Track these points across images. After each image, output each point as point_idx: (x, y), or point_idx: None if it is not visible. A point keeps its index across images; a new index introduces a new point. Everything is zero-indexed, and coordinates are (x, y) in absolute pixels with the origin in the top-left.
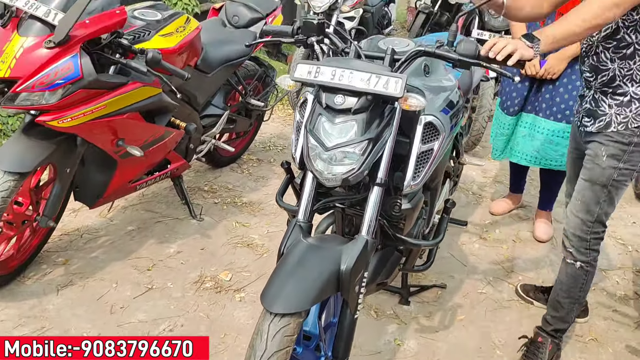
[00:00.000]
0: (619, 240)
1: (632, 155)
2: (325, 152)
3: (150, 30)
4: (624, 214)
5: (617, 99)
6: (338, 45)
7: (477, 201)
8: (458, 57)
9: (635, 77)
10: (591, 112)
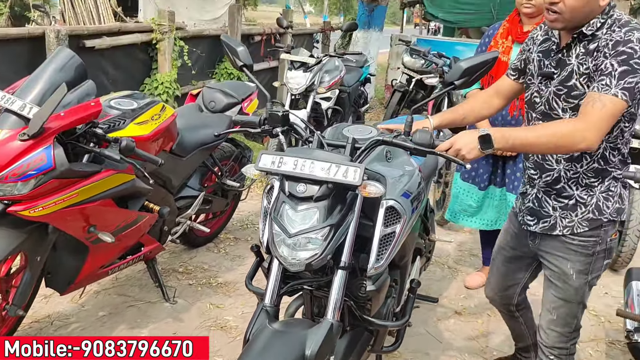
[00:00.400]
0: (591, 311)
1: (596, 263)
2: (289, 238)
3: (126, 119)
4: (597, 284)
5: (562, 202)
6: (302, 134)
7: (452, 275)
8: (413, 146)
9: (581, 180)
10: (534, 212)
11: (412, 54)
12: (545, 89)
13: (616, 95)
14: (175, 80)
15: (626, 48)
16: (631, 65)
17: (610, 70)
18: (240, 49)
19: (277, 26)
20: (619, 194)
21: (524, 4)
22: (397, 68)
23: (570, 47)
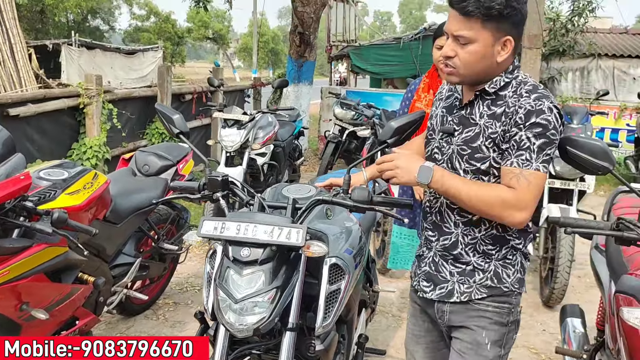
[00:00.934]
0: (532, 349)
1: (509, 335)
2: (235, 303)
3: (57, 190)
4: (534, 321)
5: (459, 267)
6: (243, 198)
7: (397, 324)
8: (353, 203)
9: (478, 247)
10: (431, 277)
11: (343, 106)
12: (447, 145)
13: (538, 169)
14: (105, 144)
15: (540, 120)
16: (548, 137)
17: (528, 144)
18: (175, 117)
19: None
20: (519, 263)
21: (441, 60)
22: (329, 120)
23: (473, 104)
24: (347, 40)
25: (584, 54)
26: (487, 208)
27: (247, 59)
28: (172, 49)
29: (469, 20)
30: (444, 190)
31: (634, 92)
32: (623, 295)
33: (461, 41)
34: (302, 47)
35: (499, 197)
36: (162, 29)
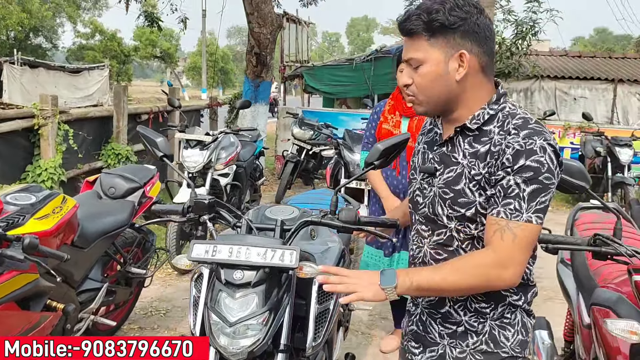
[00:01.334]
0: None
1: None
2: (229, 327)
3: (25, 215)
4: None
5: (449, 328)
6: (230, 220)
7: (367, 341)
8: (341, 224)
9: (469, 305)
10: (419, 338)
11: (302, 126)
12: (429, 187)
13: (529, 221)
14: (60, 165)
15: (531, 162)
16: (541, 183)
17: (517, 191)
18: (159, 140)
19: (163, 104)
20: (519, 322)
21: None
22: (287, 139)
23: (453, 141)
24: (300, 60)
25: (528, 75)
26: (471, 286)
27: (196, 77)
28: (118, 68)
29: (416, 40)
30: (415, 288)
31: (575, 112)
32: (599, 307)
33: (413, 65)
34: (259, 67)
35: (478, 268)
36: (108, 47)
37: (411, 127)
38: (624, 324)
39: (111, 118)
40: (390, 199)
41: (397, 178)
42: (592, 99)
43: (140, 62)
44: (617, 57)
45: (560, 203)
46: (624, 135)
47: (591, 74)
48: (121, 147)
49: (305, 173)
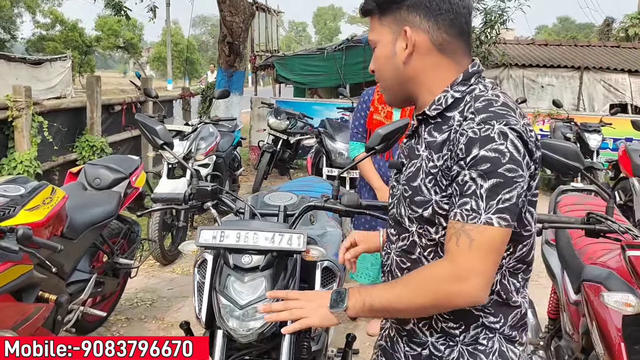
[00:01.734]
0: None
1: None
2: (240, 310)
3: (15, 206)
4: None
5: (414, 350)
6: (232, 207)
7: (354, 325)
8: (345, 208)
9: (435, 324)
10: (387, 355)
11: (277, 116)
12: (397, 185)
13: (489, 222)
14: (36, 158)
15: (487, 152)
16: (501, 176)
17: (473, 188)
18: (159, 128)
19: (135, 94)
20: (496, 352)
21: None
22: (262, 130)
23: (418, 131)
24: (270, 50)
25: (497, 64)
26: (430, 304)
27: (161, 68)
28: (80, 59)
29: (371, 20)
30: (368, 309)
31: (542, 100)
32: (590, 283)
33: (372, 49)
34: (232, 56)
35: (434, 283)
36: (69, 37)
37: (403, 116)
38: (619, 296)
39: (84, 109)
40: (384, 190)
41: (389, 168)
42: (559, 86)
43: (103, 53)
44: (582, 45)
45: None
46: (593, 122)
47: (558, 61)
48: (95, 139)
49: (281, 163)
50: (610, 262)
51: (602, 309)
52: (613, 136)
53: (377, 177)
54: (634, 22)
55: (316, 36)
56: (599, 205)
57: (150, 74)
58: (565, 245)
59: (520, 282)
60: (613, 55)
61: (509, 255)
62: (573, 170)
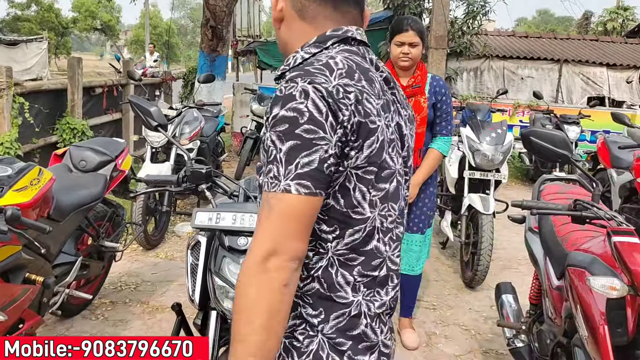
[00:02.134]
0: (462, 326)
1: None
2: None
3: (3, 187)
4: (460, 301)
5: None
6: (226, 190)
7: None
8: None
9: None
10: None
11: (261, 102)
12: None
13: (287, 190)
14: (16, 140)
15: (286, 111)
16: (299, 137)
17: (274, 152)
18: (153, 109)
19: (117, 77)
20: (311, 353)
21: (401, 57)
22: (246, 116)
23: None
24: (252, 35)
25: (478, 55)
26: (254, 299)
27: (139, 51)
28: (57, 40)
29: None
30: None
31: (522, 91)
32: (574, 268)
33: None
34: (215, 41)
35: (245, 272)
36: (45, 18)
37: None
38: (605, 280)
39: (65, 91)
40: None
41: None
42: (538, 78)
43: (80, 35)
44: (562, 38)
45: (510, 179)
46: (572, 114)
47: (538, 54)
48: (76, 122)
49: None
50: (593, 249)
51: (586, 293)
52: (591, 128)
53: None
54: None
55: None
56: (581, 193)
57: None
58: (549, 233)
59: (356, 278)
60: (592, 48)
61: (336, 239)
62: (561, 158)
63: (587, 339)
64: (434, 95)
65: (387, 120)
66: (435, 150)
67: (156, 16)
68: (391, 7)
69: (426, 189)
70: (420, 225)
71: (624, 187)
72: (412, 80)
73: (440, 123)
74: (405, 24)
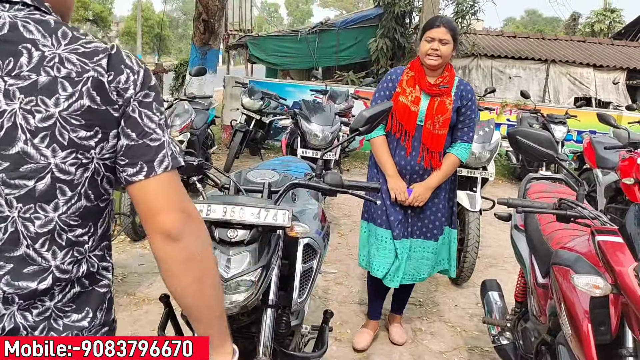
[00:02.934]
0: (448, 323)
1: None
2: (224, 282)
3: None
4: (446, 298)
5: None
6: (217, 182)
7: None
8: (328, 187)
9: None
10: None
11: (251, 95)
12: None
13: None
14: None
15: None
16: None
17: None
18: None
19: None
20: None
21: (430, 53)
22: (235, 109)
23: None
24: (244, 29)
25: (466, 53)
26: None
27: (130, 43)
28: None
29: None
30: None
31: (510, 90)
32: (559, 267)
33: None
34: (207, 34)
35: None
36: None
37: (431, 107)
38: (588, 278)
39: None
40: (395, 179)
41: (406, 158)
42: (526, 78)
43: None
44: (550, 39)
45: (497, 177)
46: (559, 114)
47: (525, 54)
48: None
49: (253, 143)
50: (578, 247)
51: (570, 291)
52: (577, 128)
53: (391, 164)
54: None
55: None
56: (566, 193)
57: None
58: (534, 231)
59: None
60: (579, 49)
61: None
62: (547, 158)
63: (570, 336)
64: (460, 99)
65: None
66: (453, 155)
67: (148, 8)
68: (381, 4)
69: (440, 194)
70: (435, 232)
71: (609, 187)
72: (441, 80)
73: (462, 128)
74: (437, 20)
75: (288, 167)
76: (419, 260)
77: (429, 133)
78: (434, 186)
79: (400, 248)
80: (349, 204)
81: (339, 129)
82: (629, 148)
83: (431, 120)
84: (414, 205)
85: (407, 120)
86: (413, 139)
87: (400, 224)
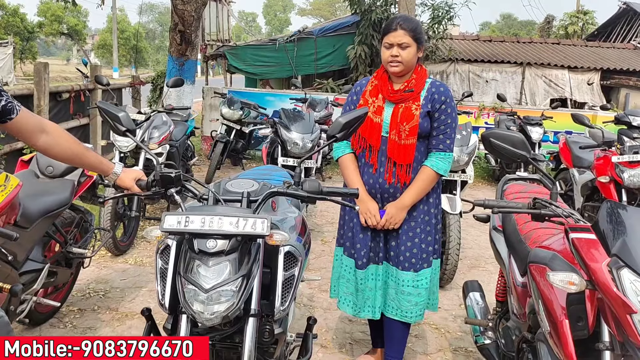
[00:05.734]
0: (432, 325)
1: None
2: (205, 293)
3: None
4: None
5: None
6: (196, 193)
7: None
8: (306, 194)
9: None
10: None
11: (231, 106)
12: None
13: None
14: None
15: None
16: None
17: None
18: (121, 115)
19: (84, 82)
20: None
21: (390, 62)
22: (215, 120)
23: None
24: (222, 39)
25: (443, 58)
26: None
27: (106, 55)
28: (22, 45)
29: None
30: None
31: (487, 94)
32: (536, 265)
33: None
34: (184, 45)
35: None
36: (10, 23)
37: (395, 116)
38: (563, 275)
39: (31, 97)
40: (364, 202)
41: (374, 176)
42: (502, 81)
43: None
44: (525, 42)
45: (476, 180)
46: (535, 115)
47: (501, 57)
48: None
49: (234, 153)
50: (554, 245)
51: (547, 289)
52: (554, 129)
53: (359, 185)
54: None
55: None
56: (542, 192)
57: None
58: (512, 231)
59: None
60: (553, 51)
61: None
62: (520, 158)
63: (549, 333)
64: (430, 102)
65: None
66: (427, 167)
67: (124, 20)
68: (358, 12)
69: (418, 217)
70: (413, 261)
71: (585, 186)
72: (405, 85)
73: (437, 136)
74: (394, 23)
75: (268, 176)
76: (398, 294)
77: (394, 144)
78: (408, 205)
79: (364, 278)
80: (332, 212)
81: (318, 136)
82: (603, 147)
83: (396, 130)
84: (389, 229)
85: (369, 133)
86: (379, 153)
87: (370, 250)
